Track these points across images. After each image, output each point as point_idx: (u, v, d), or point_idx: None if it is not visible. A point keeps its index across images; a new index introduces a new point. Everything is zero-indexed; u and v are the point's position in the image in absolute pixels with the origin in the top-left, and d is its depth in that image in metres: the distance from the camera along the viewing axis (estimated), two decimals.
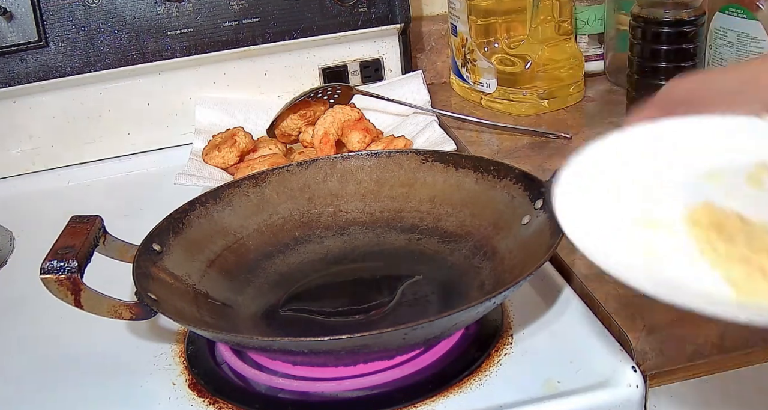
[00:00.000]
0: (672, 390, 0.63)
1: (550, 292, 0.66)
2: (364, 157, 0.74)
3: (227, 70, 0.99)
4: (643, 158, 0.53)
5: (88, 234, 0.59)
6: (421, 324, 0.50)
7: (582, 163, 0.53)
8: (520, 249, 0.62)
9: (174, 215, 0.67)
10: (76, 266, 0.55)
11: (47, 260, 0.55)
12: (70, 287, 0.56)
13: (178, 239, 0.65)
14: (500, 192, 0.67)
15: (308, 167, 0.74)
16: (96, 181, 0.97)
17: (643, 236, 0.48)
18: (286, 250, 0.71)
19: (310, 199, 0.73)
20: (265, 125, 0.96)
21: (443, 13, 1.10)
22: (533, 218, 0.63)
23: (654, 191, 0.51)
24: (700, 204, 0.49)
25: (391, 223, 0.72)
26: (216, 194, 0.70)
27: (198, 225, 0.68)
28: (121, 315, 0.58)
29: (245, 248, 0.69)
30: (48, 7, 0.89)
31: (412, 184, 0.72)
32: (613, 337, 0.60)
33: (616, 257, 0.45)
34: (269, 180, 0.72)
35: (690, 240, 0.47)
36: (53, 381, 0.62)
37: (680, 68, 0.89)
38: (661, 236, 0.48)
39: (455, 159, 0.71)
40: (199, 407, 0.57)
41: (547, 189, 0.62)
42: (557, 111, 1.01)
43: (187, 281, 0.63)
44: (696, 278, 0.44)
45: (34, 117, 0.95)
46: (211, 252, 0.67)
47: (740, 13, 0.87)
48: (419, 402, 0.55)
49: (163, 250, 0.63)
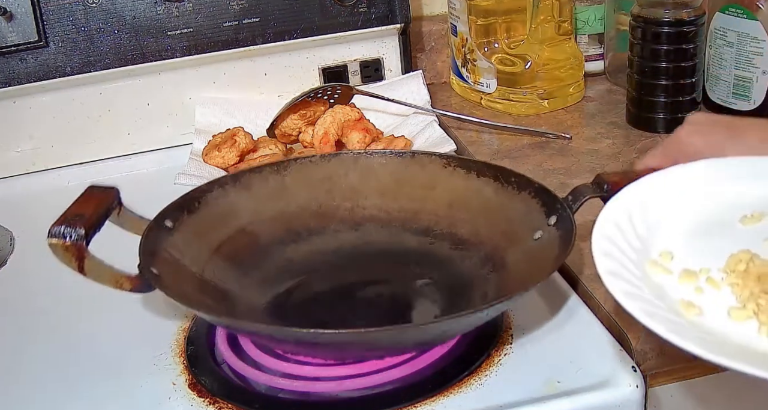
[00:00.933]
0: (672, 390, 0.63)
1: (551, 292, 0.66)
2: (388, 155, 0.73)
3: (227, 70, 0.99)
4: (683, 199, 0.53)
5: (100, 203, 0.59)
6: (409, 327, 0.51)
7: (618, 210, 0.53)
8: (527, 264, 0.62)
9: (192, 193, 0.67)
10: (83, 233, 0.55)
11: (55, 225, 0.55)
12: (75, 253, 0.56)
13: (191, 218, 0.65)
14: (517, 204, 0.66)
15: (331, 159, 0.73)
16: (96, 181, 0.95)
17: (685, 289, 0.48)
18: (299, 239, 0.70)
19: (329, 191, 0.73)
20: (265, 125, 0.96)
21: (443, 13, 1.10)
22: (544, 234, 0.62)
23: (696, 239, 0.51)
24: (742, 253, 0.49)
25: (407, 224, 0.71)
26: (236, 178, 0.70)
27: (214, 206, 0.67)
28: (122, 285, 0.58)
29: (258, 232, 0.69)
30: (48, 7, 0.89)
31: (432, 187, 0.71)
32: (613, 337, 0.60)
33: (661, 315, 0.44)
34: (291, 169, 0.72)
35: (733, 293, 0.47)
36: (53, 381, 0.62)
37: (680, 68, 0.89)
38: (705, 290, 0.48)
39: (477, 167, 0.70)
40: (199, 407, 0.57)
41: (562, 206, 0.62)
42: (557, 111, 1.01)
43: (193, 260, 0.63)
44: (742, 335, 0.44)
45: (34, 117, 0.95)
46: (223, 233, 0.67)
47: (740, 13, 0.87)
48: (419, 402, 0.55)
49: (175, 226, 0.63)
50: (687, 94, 0.91)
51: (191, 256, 0.63)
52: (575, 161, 0.87)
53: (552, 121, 0.98)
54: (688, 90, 0.90)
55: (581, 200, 0.62)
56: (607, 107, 1.01)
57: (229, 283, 0.64)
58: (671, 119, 0.92)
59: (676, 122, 0.91)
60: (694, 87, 0.91)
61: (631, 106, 0.95)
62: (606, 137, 0.93)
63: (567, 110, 1.01)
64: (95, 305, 0.68)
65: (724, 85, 0.92)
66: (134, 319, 0.67)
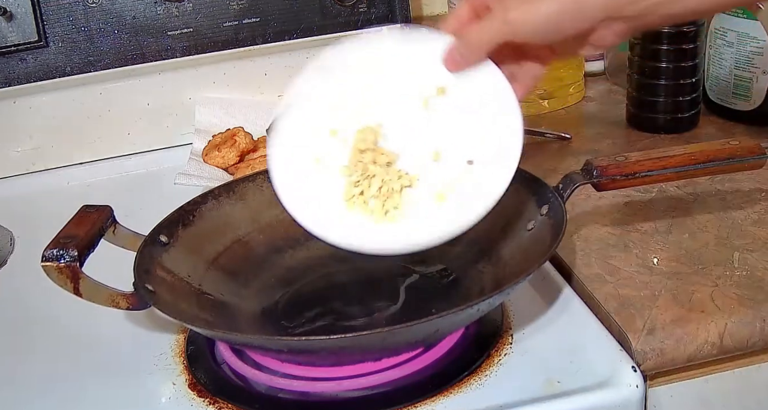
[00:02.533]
0: (672, 390, 0.63)
1: (550, 292, 0.66)
2: None
3: (227, 70, 0.99)
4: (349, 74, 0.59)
5: (94, 224, 0.60)
6: (398, 328, 0.50)
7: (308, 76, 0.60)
8: (521, 255, 0.62)
9: (185, 207, 0.67)
10: (76, 255, 0.56)
11: (49, 248, 0.56)
12: (70, 275, 0.56)
13: (186, 232, 0.65)
14: (510, 196, 0.66)
15: None
16: (96, 181, 0.97)
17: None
18: (296, 245, 0.70)
19: None
20: (265, 125, 0.96)
21: (443, 14, 1.10)
22: (537, 224, 0.62)
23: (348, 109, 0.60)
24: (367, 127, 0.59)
25: None
26: (230, 188, 0.70)
27: (209, 218, 0.68)
28: (119, 304, 0.58)
29: (254, 242, 0.69)
30: (48, 7, 0.89)
31: None
32: (613, 337, 0.60)
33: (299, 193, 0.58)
34: None
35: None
36: (53, 381, 0.62)
37: (680, 68, 0.89)
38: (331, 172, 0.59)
39: None
40: (199, 407, 0.57)
41: (554, 195, 0.62)
42: (557, 111, 1.01)
43: (189, 275, 0.63)
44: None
45: (34, 117, 0.95)
46: (219, 245, 0.67)
47: (740, 13, 0.87)
48: (419, 402, 0.55)
49: (170, 241, 0.63)
50: (687, 94, 0.91)
51: (188, 270, 0.63)
52: (575, 161, 0.87)
53: (552, 121, 0.98)
54: (688, 90, 0.90)
55: (572, 187, 0.62)
56: (607, 106, 1.01)
57: (227, 295, 0.64)
58: (671, 119, 0.92)
59: (676, 122, 0.92)
60: (694, 87, 0.91)
61: (631, 106, 0.95)
62: (606, 137, 0.93)
63: (567, 110, 1.01)
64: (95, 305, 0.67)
65: (724, 85, 0.92)
66: (134, 319, 0.67)
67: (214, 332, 0.58)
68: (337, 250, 0.71)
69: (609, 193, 0.76)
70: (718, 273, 0.65)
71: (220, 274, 0.65)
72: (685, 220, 0.73)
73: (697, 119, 0.93)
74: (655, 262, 0.67)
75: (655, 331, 0.59)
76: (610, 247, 0.70)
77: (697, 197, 0.77)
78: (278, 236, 0.70)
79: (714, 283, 0.64)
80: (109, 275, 0.59)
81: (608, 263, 0.68)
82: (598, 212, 0.76)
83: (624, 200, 0.77)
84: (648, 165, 0.64)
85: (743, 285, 0.63)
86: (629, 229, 0.73)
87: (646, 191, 0.78)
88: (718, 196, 0.77)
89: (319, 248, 0.71)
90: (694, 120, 0.93)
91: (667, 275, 0.65)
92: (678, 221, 0.73)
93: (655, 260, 0.68)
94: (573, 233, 0.72)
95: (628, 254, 0.69)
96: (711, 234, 0.71)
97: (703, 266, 0.66)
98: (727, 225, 0.72)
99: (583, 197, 0.77)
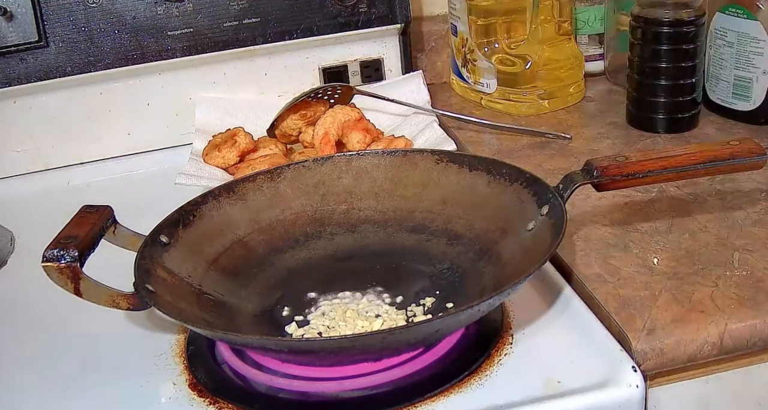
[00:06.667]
0: (672, 390, 0.63)
1: (550, 292, 0.66)
2: (380, 155, 0.73)
3: (227, 70, 0.99)
4: None
5: (94, 224, 0.60)
6: (398, 328, 0.50)
7: None
8: (522, 255, 0.62)
9: (185, 207, 0.67)
10: (77, 255, 0.56)
11: (49, 248, 0.56)
12: (70, 275, 0.56)
13: (187, 232, 0.65)
14: (510, 196, 0.66)
15: (324, 163, 0.73)
16: (96, 181, 0.97)
17: None
18: (296, 245, 0.71)
19: (324, 195, 0.73)
20: (265, 125, 0.96)
21: (443, 13, 1.10)
22: (537, 224, 0.62)
23: None
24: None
25: (403, 222, 0.72)
26: (230, 188, 0.70)
27: (209, 218, 0.68)
28: (119, 304, 0.58)
29: (254, 242, 0.69)
30: (48, 7, 0.89)
31: (426, 184, 0.71)
32: (613, 337, 0.60)
33: None
34: (284, 175, 0.72)
35: None
36: (53, 380, 0.62)
37: (680, 68, 0.89)
38: None
39: (469, 160, 0.70)
40: (199, 407, 0.57)
41: (554, 195, 0.62)
42: (557, 111, 1.01)
43: (190, 275, 0.63)
44: None
45: (34, 117, 0.95)
46: (219, 246, 0.67)
47: (740, 13, 0.87)
48: (419, 402, 0.55)
49: (171, 242, 0.63)
50: (687, 94, 0.91)
51: (188, 270, 0.63)
52: (575, 161, 0.87)
53: (552, 121, 0.98)
54: (688, 90, 0.90)
55: (572, 187, 0.62)
56: (607, 107, 1.01)
57: (227, 296, 0.64)
58: (671, 119, 0.92)
59: (676, 123, 0.92)
60: (694, 87, 0.91)
61: (631, 106, 0.95)
62: (606, 137, 0.93)
63: (567, 110, 1.01)
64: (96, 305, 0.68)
65: (724, 86, 0.92)
66: (135, 319, 0.67)
67: (214, 332, 0.58)
68: (337, 250, 0.71)
69: (609, 193, 0.76)
70: (718, 273, 0.65)
71: (220, 274, 0.65)
72: (685, 220, 0.73)
73: (697, 119, 0.93)
74: (655, 262, 0.67)
75: (655, 331, 0.59)
76: (610, 247, 0.70)
77: (697, 197, 0.77)
78: (278, 236, 0.70)
79: (714, 283, 0.64)
80: (109, 275, 0.59)
81: (608, 263, 0.68)
82: (598, 212, 0.76)
83: (624, 200, 0.77)
84: (648, 165, 0.64)
85: (743, 285, 0.63)
86: (629, 229, 0.73)
87: (646, 191, 0.78)
88: (718, 196, 0.77)
89: (319, 249, 0.71)
90: (693, 120, 0.93)
91: (667, 275, 0.65)
92: (678, 221, 0.73)
93: (655, 260, 0.68)
94: (573, 233, 0.72)
95: (628, 254, 0.69)
96: (711, 234, 0.71)
97: (703, 267, 0.66)
98: (727, 225, 0.72)
99: (583, 197, 0.77)
